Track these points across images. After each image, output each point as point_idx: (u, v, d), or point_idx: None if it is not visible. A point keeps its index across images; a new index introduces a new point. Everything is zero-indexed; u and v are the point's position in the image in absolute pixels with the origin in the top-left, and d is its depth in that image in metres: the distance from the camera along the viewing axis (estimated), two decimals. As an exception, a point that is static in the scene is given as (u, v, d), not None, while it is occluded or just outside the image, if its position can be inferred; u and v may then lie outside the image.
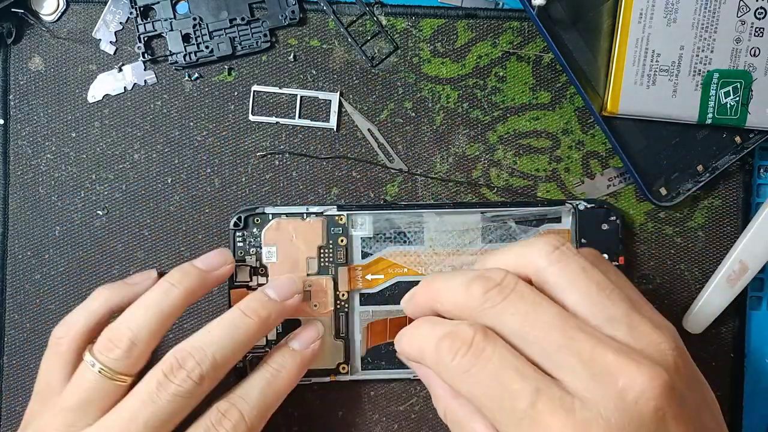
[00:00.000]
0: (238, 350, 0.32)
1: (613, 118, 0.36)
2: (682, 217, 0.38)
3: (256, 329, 0.32)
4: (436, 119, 0.38)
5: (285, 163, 0.38)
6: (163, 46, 0.37)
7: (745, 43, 0.35)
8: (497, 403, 0.25)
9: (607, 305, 0.27)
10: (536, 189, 0.38)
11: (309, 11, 0.37)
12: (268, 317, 0.33)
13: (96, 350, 0.31)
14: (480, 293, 0.27)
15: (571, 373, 0.25)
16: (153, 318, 0.31)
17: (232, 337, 0.32)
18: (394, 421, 0.38)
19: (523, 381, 0.25)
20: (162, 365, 0.31)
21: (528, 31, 0.38)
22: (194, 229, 0.37)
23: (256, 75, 0.37)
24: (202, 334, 0.32)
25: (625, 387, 0.24)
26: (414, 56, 0.38)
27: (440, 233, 0.37)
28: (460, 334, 0.27)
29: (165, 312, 0.32)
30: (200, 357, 0.31)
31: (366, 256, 0.37)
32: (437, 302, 0.29)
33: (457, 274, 0.29)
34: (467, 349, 0.26)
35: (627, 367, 0.25)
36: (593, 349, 0.25)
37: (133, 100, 0.37)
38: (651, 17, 0.35)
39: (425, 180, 0.38)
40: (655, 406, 0.24)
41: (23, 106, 0.37)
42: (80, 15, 0.37)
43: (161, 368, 0.30)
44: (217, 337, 0.31)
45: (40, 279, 0.37)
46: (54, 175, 0.37)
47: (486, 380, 0.26)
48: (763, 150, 0.39)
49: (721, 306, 0.38)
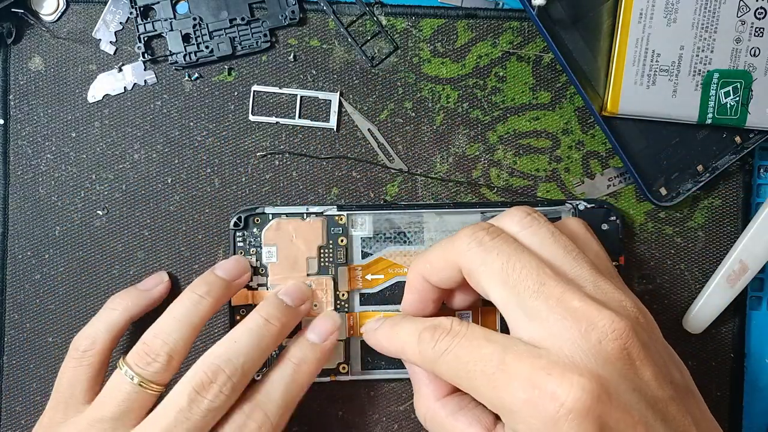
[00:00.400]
0: (263, 357, 0.33)
1: (613, 118, 0.36)
2: (682, 217, 0.38)
3: (279, 336, 0.33)
4: (436, 119, 0.38)
5: (285, 163, 0.38)
6: (163, 46, 0.37)
7: (745, 43, 0.35)
8: (472, 372, 0.27)
9: (574, 265, 0.29)
10: (536, 189, 0.38)
11: (309, 11, 0.37)
12: (287, 323, 0.34)
13: (133, 363, 0.32)
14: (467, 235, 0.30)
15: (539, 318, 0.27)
16: (186, 330, 0.32)
17: (258, 346, 0.32)
18: (394, 421, 0.38)
19: (491, 344, 0.27)
20: (193, 381, 0.31)
21: (528, 31, 0.38)
22: (194, 229, 0.37)
23: (256, 75, 0.37)
24: (229, 344, 0.32)
25: (588, 329, 0.26)
26: (414, 56, 0.38)
27: (440, 233, 0.37)
28: (441, 325, 0.29)
29: (195, 324, 0.32)
30: (231, 370, 0.31)
31: (366, 256, 0.37)
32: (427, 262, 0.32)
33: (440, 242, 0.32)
34: (446, 334, 0.29)
35: (590, 311, 0.27)
36: (562, 294, 0.27)
37: (133, 100, 0.37)
38: (651, 17, 0.35)
39: (425, 180, 0.38)
40: (619, 345, 0.26)
41: (23, 106, 0.37)
42: (80, 15, 0.37)
43: (192, 384, 0.31)
44: (244, 347, 0.32)
45: (40, 279, 0.37)
46: (54, 175, 0.37)
47: (461, 353, 0.28)
48: (763, 150, 0.39)
49: (721, 306, 0.38)
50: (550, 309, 0.27)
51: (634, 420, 0.25)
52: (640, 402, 0.26)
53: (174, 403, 0.31)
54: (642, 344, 0.27)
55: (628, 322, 0.27)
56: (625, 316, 0.27)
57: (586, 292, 0.28)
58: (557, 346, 0.26)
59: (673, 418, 0.27)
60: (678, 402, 0.27)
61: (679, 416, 0.27)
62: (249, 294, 0.36)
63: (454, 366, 0.28)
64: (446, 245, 0.31)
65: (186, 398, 0.30)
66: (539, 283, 0.28)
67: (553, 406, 0.25)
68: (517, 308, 0.28)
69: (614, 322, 0.27)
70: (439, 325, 0.29)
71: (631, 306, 0.28)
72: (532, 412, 0.25)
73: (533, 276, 0.28)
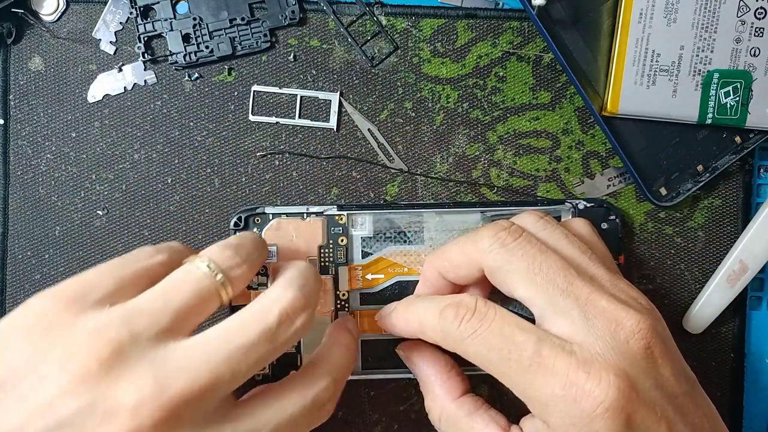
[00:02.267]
0: None
1: (613, 118, 0.36)
2: (682, 217, 0.38)
3: None
4: (436, 119, 0.38)
5: (285, 163, 0.38)
6: (163, 46, 0.37)
7: (745, 43, 0.35)
8: (505, 356, 0.28)
9: (591, 265, 0.30)
10: (536, 189, 0.38)
11: (309, 11, 0.37)
12: None
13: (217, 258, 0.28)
14: (489, 235, 0.30)
15: (570, 316, 0.28)
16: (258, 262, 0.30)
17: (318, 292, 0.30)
18: (394, 421, 0.38)
19: (525, 333, 0.28)
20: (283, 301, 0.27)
21: (528, 31, 0.38)
22: (194, 229, 0.37)
23: (256, 75, 0.37)
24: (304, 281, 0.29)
25: (617, 328, 0.28)
26: (414, 56, 0.38)
27: (440, 233, 0.37)
28: (463, 302, 0.29)
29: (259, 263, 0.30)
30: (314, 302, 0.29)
31: (366, 255, 0.37)
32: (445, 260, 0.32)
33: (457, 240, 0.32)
34: (471, 314, 0.29)
35: (617, 311, 0.28)
36: (590, 294, 0.28)
37: (133, 100, 0.37)
38: (651, 17, 0.35)
39: (425, 180, 0.38)
40: (645, 344, 0.28)
41: (23, 106, 0.37)
42: (80, 15, 0.37)
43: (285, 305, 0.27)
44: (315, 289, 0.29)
45: (40, 279, 0.37)
46: (54, 175, 0.37)
47: (492, 338, 0.28)
48: (763, 150, 0.39)
49: (721, 306, 0.38)
50: (580, 308, 0.28)
51: (658, 416, 0.27)
52: (662, 398, 0.27)
53: (259, 321, 0.27)
54: (662, 341, 0.28)
55: (651, 321, 0.28)
56: (647, 315, 0.28)
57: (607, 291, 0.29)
58: (588, 343, 0.27)
59: (689, 412, 0.28)
60: (691, 396, 0.28)
61: (693, 409, 0.28)
62: (250, 294, 0.36)
63: (484, 350, 0.28)
64: (466, 245, 0.31)
65: (276, 318, 0.27)
66: (567, 282, 0.29)
67: (590, 404, 0.26)
68: (546, 305, 0.29)
69: (639, 321, 0.28)
70: (462, 302, 0.29)
71: (646, 303, 0.30)
72: (568, 408, 0.26)
73: (560, 276, 0.29)
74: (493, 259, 0.30)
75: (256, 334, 0.26)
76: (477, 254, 0.30)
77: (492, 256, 0.30)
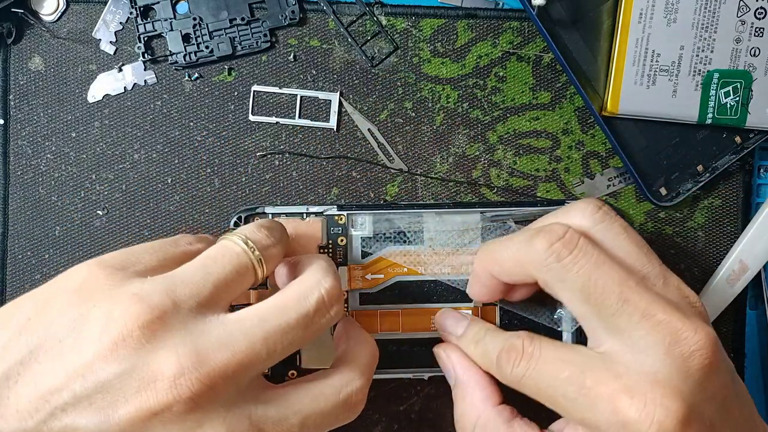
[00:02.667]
0: None
1: (613, 118, 0.36)
2: (682, 217, 0.38)
3: None
4: (436, 119, 0.38)
5: (285, 163, 0.38)
6: (163, 46, 0.37)
7: (745, 43, 0.35)
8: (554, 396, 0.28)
9: (645, 262, 0.29)
10: (536, 189, 0.38)
11: (309, 11, 0.37)
12: None
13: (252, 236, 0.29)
14: (544, 247, 0.28)
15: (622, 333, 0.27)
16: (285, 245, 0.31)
17: None
18: (394, 421, 0.38)
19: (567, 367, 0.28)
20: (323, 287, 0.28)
21: (528, 31, 0.38)
22: (194, 229, 0.37)
23: (256, 75, 0.37)
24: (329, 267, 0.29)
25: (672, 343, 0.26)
26: (414, 56, 0.38)
27: (440, 233, 0.37)
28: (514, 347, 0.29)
29: None
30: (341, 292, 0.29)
31: (366, 255, 0.37)
32: (497, 264, 0.31)
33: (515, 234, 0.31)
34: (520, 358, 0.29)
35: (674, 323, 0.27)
36: (646, 308, 0.27)
37: (133, 100, 0.37)
38: (651, 17, 0.35)
39: (425, 180, 0.38)
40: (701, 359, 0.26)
41: (23, 106, 0.37)
42: (80, 15, 0.37)
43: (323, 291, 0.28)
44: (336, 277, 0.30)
45: (40, 279, 0.37)
46: (54, 175, 0.37)
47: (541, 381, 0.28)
48: (763, 150, 0.39)
49: (721, 306, 0.38)
50: (633, 325, 0.27)
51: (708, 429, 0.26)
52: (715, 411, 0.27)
53: (299, 305, 0.27)
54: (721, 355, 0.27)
55: (708, 330, 0.27)
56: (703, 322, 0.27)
57: (657, 291, 0.28)
58: (639, 361, 0.27)
59: (735, 419, 0.27)
60: (735, 400, 0.28)
61: (737, 414, 0.27)
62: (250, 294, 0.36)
63: (535, 389, 0.29)
64: (520, 250, 0.30)
65: (314, 303, 0.27)
66: (622, 300, 0.27)
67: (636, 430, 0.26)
68: (598, 322, 0.28)
69: (697, 332, 0.27)
70: (513, 347, 0.29)
71: (695, 301, 0.29)
72: None
73: (616, 293, 0.28)
74: (548, 274, 0.29)
75: (294, 317, 0.27)
76: (530, 265, 0.29)
77: (546, 271, 0.29)
